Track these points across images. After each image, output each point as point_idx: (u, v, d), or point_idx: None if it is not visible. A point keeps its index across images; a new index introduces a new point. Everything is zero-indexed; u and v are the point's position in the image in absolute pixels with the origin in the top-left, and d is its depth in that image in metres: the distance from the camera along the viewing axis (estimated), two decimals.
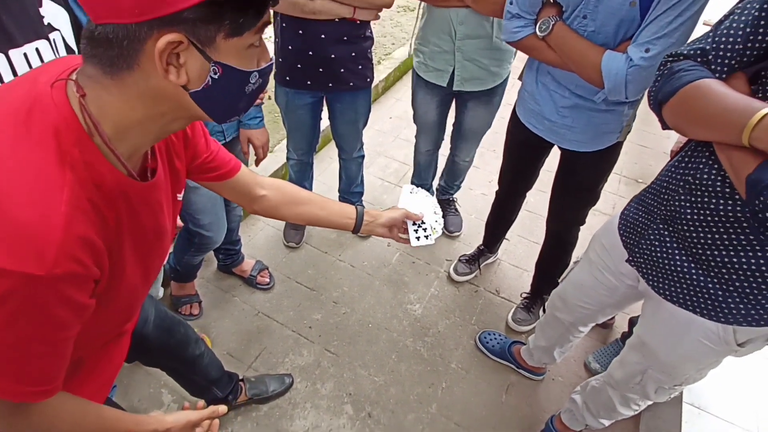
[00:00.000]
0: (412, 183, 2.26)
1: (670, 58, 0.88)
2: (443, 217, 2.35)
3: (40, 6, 0.84)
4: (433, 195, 2.19)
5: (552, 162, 1.59)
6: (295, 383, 1.69)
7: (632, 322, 1.84)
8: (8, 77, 0.81)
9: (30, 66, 0.85)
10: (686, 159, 0.92)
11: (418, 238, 1.04)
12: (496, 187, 1.89)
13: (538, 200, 2.28)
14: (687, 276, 0.94)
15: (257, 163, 1.64)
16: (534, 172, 1.73)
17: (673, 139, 3.16)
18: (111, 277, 0.58)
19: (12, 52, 0.82)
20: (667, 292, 0.99)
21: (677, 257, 0.95)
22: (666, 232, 0.96)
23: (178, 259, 1.74)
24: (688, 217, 0.90)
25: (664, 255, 0.97)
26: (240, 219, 1.88)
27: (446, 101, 1.80)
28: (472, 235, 2.31)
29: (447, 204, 2.37)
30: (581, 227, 1.68)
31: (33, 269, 0.47)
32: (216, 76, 0.52)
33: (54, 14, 0.87)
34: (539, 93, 1.40)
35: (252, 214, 1.03)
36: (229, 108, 0.58)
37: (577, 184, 1.55)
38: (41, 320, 0.51)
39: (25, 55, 0.84)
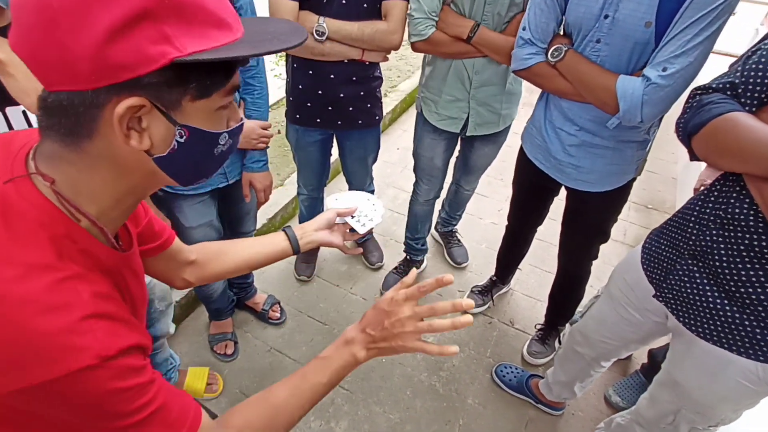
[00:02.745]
0: (406, 236, 2.17)
1: (699, 91, 0.88)
2: (448, 249, 2.34)
3: None
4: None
5: (564, 190, 1.57)
6: (310, 422, 1.66)
7: (651, 353, 1.80)
8: (3, 130, 0.84)
9: (28, 121, 0.86)
10: (715, 192, 0.91)
11: (363, 225, 1.00)
12: (506, 215, 1.88)
13: (549, 228, 2.26)
14: (720, 313, 0.91)
15: (258, 206, 1.63)
16: (542, 211, 1.73)
17: (680, 163, 3.17)
18: None
19: (9, 110, 0.84)
20: (700, 329, 0.96)
21: (708, 293, 0.92)
22: (695, 268, 0.94)
23: (196, 292, 1.73)
24: (722, 252, 0.88)
25: (695, 291, 0.95)
26: None
27: (452, 145, 1.82)
28: (484, 265, 2.30)
29: (450, 236, 2.36)
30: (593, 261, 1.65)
31: (85, 362, 0.44)
32: (182, 140, 0.49)
33: None
34: (546, 130, 1.40)
35: (179, 289, 0.91)
36: (196, 171, 0.55)
37: (586, 224, 1.53)
38: (128, 390, 0.49)
39: (24, 112, 0.86)
